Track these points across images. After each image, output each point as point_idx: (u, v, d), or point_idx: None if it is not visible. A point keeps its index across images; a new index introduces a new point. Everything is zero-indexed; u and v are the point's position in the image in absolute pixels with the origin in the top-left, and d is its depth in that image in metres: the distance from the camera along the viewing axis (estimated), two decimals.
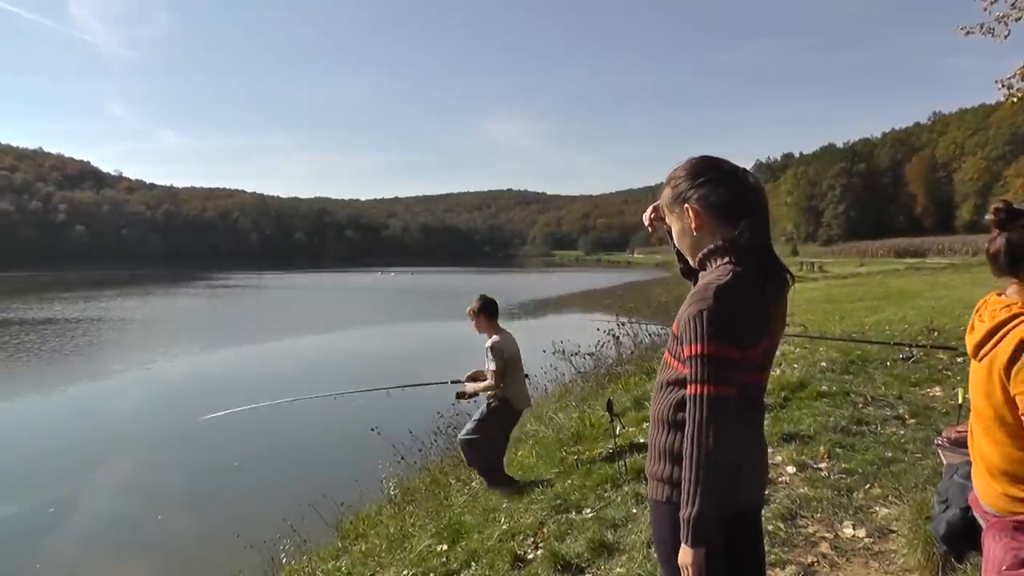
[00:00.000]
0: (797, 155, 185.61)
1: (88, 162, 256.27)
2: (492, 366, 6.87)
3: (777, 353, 2.52)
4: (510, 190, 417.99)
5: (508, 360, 6.95)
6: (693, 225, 2.43)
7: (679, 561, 2.21)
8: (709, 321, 2.22)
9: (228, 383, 23.02)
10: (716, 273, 2.33)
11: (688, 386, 2.26)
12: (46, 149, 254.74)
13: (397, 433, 10.88)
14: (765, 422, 2.64)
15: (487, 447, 7.12)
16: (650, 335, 16.02)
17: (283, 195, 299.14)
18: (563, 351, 14.60)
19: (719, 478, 2.20)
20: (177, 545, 10.46)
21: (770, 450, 6.23)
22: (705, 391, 2.22)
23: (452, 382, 7.86)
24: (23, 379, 24.63)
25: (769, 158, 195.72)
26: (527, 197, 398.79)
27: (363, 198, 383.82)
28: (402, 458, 10.49)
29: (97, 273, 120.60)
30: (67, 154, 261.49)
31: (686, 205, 2.43)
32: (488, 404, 7.07)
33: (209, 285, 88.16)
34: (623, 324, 15.65)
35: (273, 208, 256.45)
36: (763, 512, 4.14)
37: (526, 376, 7.41)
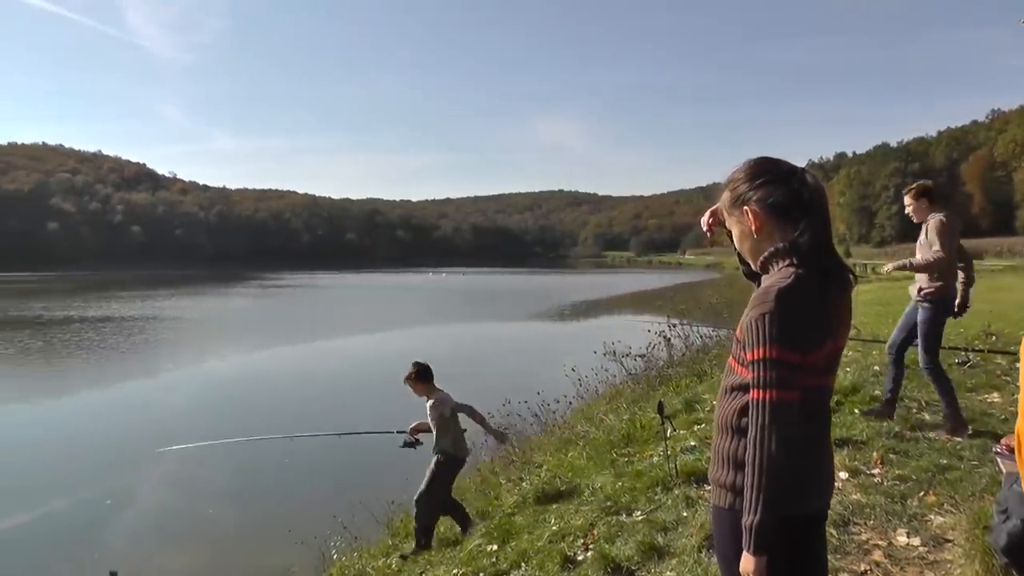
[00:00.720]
0: (850, 155, 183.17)
1: (144, 164, 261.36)
2: (434, 423, 7.55)
3: None
4: (561, 191, 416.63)
5: (445, 417, 7.53)
6: (753, 228, 2.39)
7: (740, 568, 2.18)
8: (771, 324, 2.19)
9: (278, 382, 23.29)
10: (778, 276, 2.29)
11: (751, 391, 2.23)
12: (105, 152, 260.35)
13: None
14: None
15: (435, 505, 7.58)
16: (701, 337, 15.93)
17: (335, 196, 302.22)
18: (614, 352, 14.57)
19: (782, 485, 2.16)
20: (228, 538, 10.61)
21: None
22: (768, 396, 2.18)
23: (398, 432, 8.18)
24: (83, 375, 25.13)
25: (821, 158, 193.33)
26: (578, 198, 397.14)
27: (414, 199, 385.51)
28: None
29: (152, 272, 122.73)
30: (124, 156, 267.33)
31: (745, 208, 2.40)
32: (436, 460, 7.57)
33: (261, 285, 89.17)
34: (674, 326, 15.58)
35: (325, 209, 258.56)
36: None
37: (464, 430, 7.90)
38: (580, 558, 5.15)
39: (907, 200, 6.96)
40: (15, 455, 15.25)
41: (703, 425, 7.78)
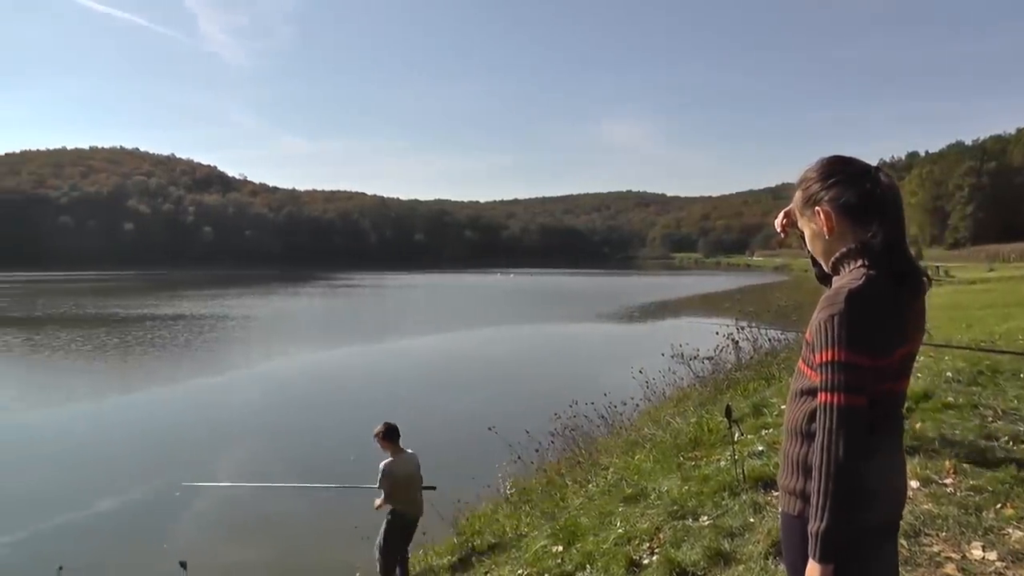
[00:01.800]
0: (922, 154, 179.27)
1: (215, 167, 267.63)
2: (381, 487, 7.82)
3: None
4: (629, 191, 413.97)
5: (396, 481, 7.80)
6: (825, 228, 2.34)
7: None
8: (840, 327, 2.14)
9: (345, 380, 23.56)
10: (849, 277, 2.24)
11: (819, 394, 2.18)
12: (178, 155, 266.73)
13: (513, 433, 10.96)
14: None
15: (390, 557, 7.90)
16: (769, 340, 15.75)
17: (403, 197, 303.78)
18: (682, 355, 14.49)
19: (850, 491, 2.11)
20: (294, 533, 10.78)
21: None
22: (835, 400, 2.13)
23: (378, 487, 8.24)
24: (157, 371, 25.70)
25: (892, 157, 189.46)
26: (646, 198, 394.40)
27: (482, 199, 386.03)
28: (519, 458, 10.56)
29: (222, 272, 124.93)
30: (196, 159, 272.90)
31: (817, 208, 2.36)
32: (386, 518, 7.96)
33: (330, 285, 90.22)
34: (742, 328, 15.42)
35: (393, 209, 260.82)
36: None
37: (432, 487, 8.28)
38: (646, 562, 5.13)
39: None
40: (91, 447, 15.72)
41: (771, 430, 7.70)
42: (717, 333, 14.94)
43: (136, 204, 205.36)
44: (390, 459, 7.85)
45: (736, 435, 6.99)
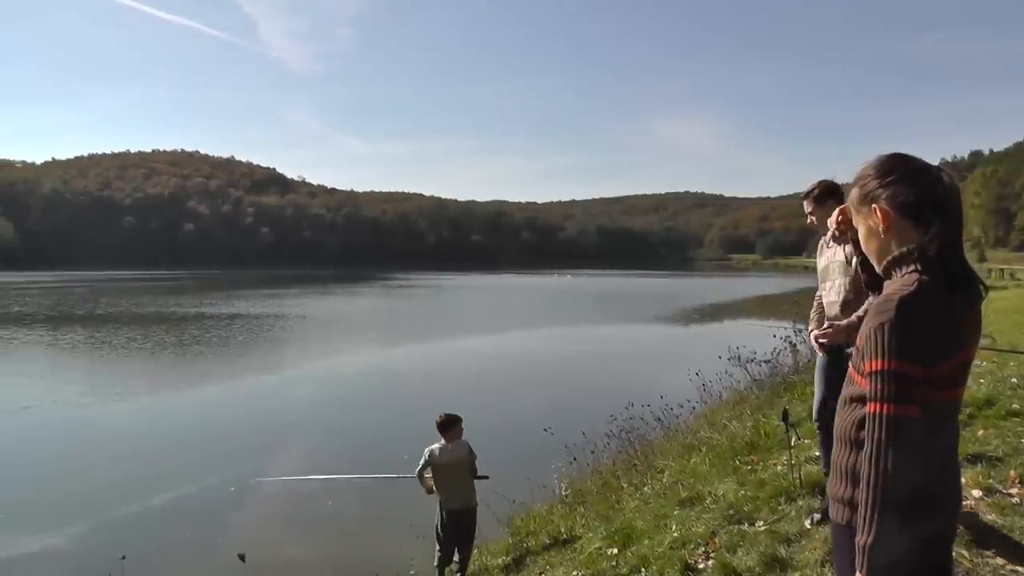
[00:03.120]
0: (986, 153, 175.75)
1: (274, 168, 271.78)
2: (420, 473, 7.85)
3: None
4: (687, 192, 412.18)
5: (435, 468, 7.73)
6: (881, 227, 2.28)
7: None
8: (890, 335, 2.09)
9: (402, 378, 23.73)
10: (900, 283, 2.20)
11: (868, 404, 2.13)
12: (237, 157, 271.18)
13: (569, 434, 10.95)
14: None
15: (442, 550, 7.86)
16: None
17: (460, 198, 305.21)
18: (739, 357, 14.37)
19: (898, 503, 2.05)
20: (349, 529, 10.87)
21: None
22: (885, 410, 2.08)
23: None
24: (215, 369, 26.09)
25: (955, 156, 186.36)
26: (704, 199, 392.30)
27: (539, 200, 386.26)
28: (574, 459, 10.55)
29: (280, 272, 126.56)
30: (255, 161, 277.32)
31: (874, 205, 2.29)
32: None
33: (387, 285, 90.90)
34: (799, 331, 15.24)
35: (450, 210, 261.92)
36: None
37: (483, 477, 8.08)
38: (701, 566, 5.12)
39: (808, 207, 5.96)
40: (151, 442, 16.03)
41: None
42: (775, 336, 14.81)
43: (196, 205, 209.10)
44: (435, 444, 7.84)
45: (793, 439, 6.92)
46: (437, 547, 7.79)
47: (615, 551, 6.04)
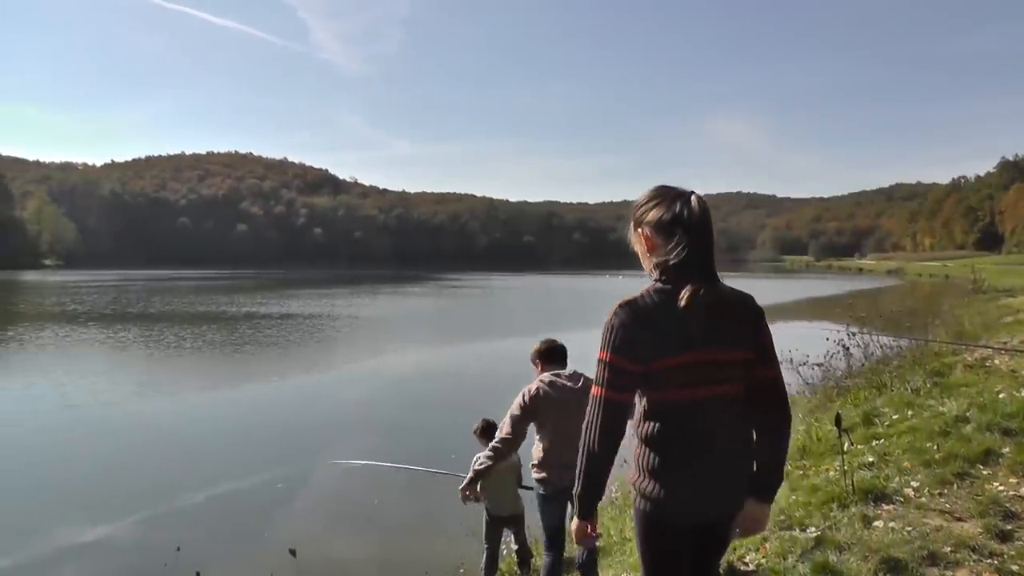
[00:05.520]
0: None
1: (326, 170, 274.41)
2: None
3: None
4: (738, 192, 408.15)
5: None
6: (645, 247, 2.85)
7: None
8: (606, 332, 2.66)
9: (451, 378, 23.80)
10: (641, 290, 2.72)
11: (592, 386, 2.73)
12: (290, 159, 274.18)
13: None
14: None
15: (488, 551, 7.63)
16: (881, 347, 15.31)
17: (512, 198, 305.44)
18: (790, 360, 14.19)
19: (600, 469, 2.84)
20: (398, 528, 10.91)
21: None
22: (600, 393, 2.69)
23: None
24: (266, 367, 26.35)
25: (1016, 155, 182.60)
26: (755, 199, 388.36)
27: (591, 201, 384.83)
28: (624, 461, 10.48)
29: (332, 272, 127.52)
30: (308, 163, 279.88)
31: (639, 230, 2.84)
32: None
33: (438, 285, 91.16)
34: (853, 334, 15.04)
35: (502, 211, 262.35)
36: None
37: (528, 487, 7.44)
38: (751, 571, 5.08)
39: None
40: (205, 437, 16.32)
41: (882, 440, 7.53)
42: (827, 339, 14.61)
43: (249, 206, 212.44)
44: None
45: (846, 445, 6.83)
46: (485, 548, 7.80)
47: None
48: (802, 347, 14.49)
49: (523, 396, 5.94)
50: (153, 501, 11.99)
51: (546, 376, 6.05)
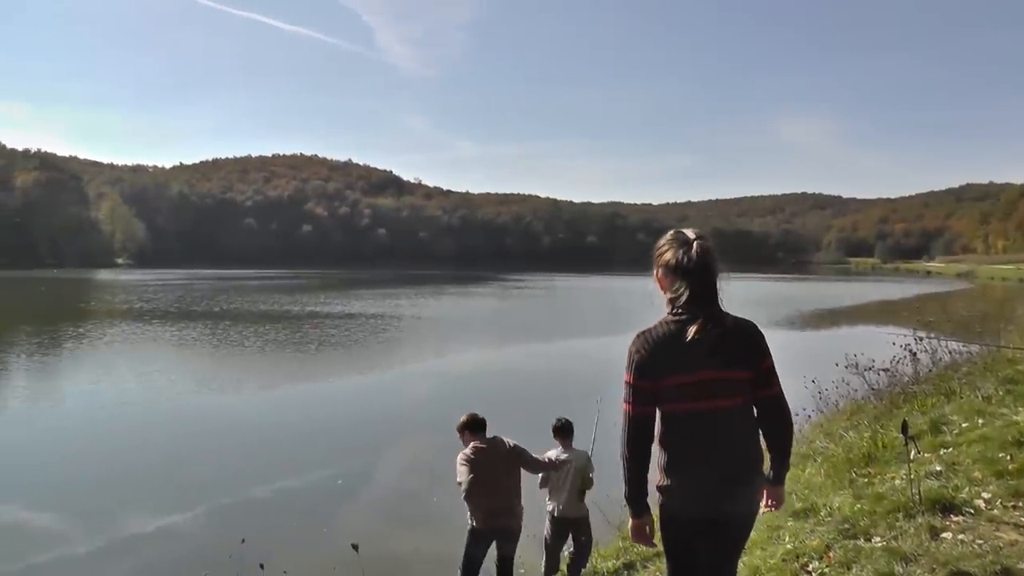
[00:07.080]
0: None
1: (390, 171, 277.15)
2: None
3: None
4: (804, 193, 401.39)
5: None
6: (660, 286, 3.44)
7: None
8: (628, 357, 3.26)
9: (513, 377, 23.88)
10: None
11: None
12: (355, 160, 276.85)
13: None
14: None
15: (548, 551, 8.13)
16: (950, 352, 15.00)
17: (576, 199, 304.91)
18: (856, 365, 13.97)
19: (634, 471, 3.27)
20: (458, 526, 11.00)
21: None
22: (625, 409, 3.27)
23: None
24: (329, 366, 26.72)
25: None
26: (821, 200, 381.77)
27: (655, 202, 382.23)
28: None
29: (396, 272, 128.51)
30: (372, 164, 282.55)
31: (655, 270, 3.42)
32: None
33: (502, 285, 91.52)
34: (920, 339, 14.76)
35: (565, 211, 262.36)
36: None
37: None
38: None
39: None
40: (270, 433, 16.68)
41: (950, 449, 7.40)
42: (894, 343, 14.35)
43: (314, 207, 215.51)
44: (552, 451, 7.93)
45: (912, 453, 6.73)
46: (544, 553, 7.85)
47: None
48: (868, 351, 14.27)
49: (459, 458, 7.29)
50: (219, 494, 12.33)
51: (468, 450, 7.30)
